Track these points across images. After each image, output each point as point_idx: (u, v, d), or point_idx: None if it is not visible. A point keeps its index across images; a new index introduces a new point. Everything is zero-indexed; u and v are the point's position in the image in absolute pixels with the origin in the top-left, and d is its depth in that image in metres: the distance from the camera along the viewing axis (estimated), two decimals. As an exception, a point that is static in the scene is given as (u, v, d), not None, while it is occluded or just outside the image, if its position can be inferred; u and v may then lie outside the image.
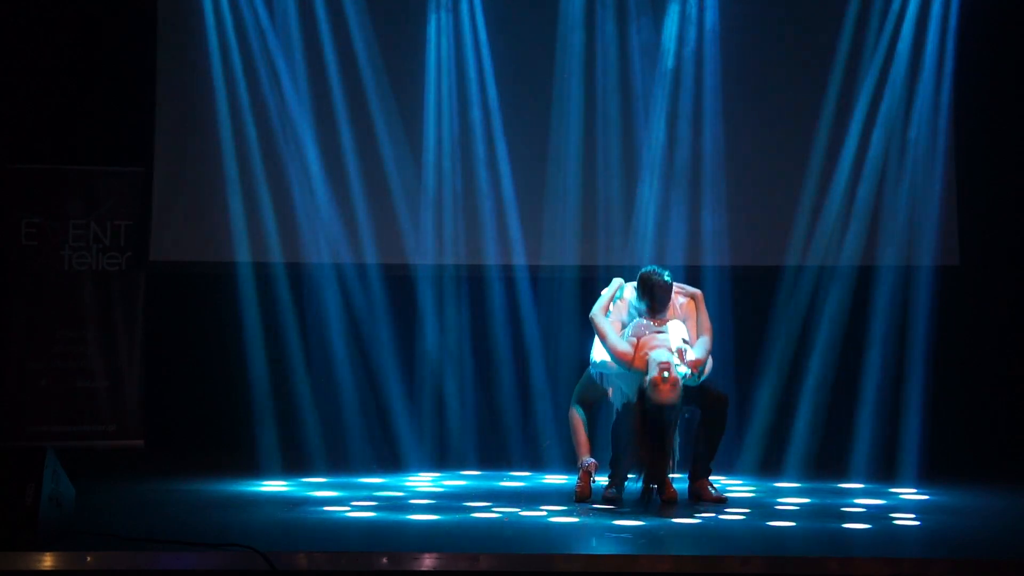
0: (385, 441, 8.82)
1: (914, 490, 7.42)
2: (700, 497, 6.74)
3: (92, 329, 9.11)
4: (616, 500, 6.64)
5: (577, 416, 6.95)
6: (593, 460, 6.82)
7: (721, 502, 6.67)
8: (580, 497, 6.69)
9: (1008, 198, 9.34)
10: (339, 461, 8.57)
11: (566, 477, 7.92)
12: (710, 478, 6.85)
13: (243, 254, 8.91)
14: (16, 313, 9.06)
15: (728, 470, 8.23)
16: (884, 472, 8.21)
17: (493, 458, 8.78)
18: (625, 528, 5.70)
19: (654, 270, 6.78)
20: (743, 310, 8.93)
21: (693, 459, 6.86)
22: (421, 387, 8.97)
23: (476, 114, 9.09)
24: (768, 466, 8.48)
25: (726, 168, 9.03)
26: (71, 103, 9.24)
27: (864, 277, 8.93)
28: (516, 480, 8.00)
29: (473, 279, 9.11)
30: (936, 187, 9.00)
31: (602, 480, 6.82)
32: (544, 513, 6.21)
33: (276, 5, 9.06)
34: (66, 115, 9.25)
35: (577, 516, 6.11)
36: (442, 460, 8.78)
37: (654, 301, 6.68)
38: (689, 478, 6.86)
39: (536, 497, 6.93)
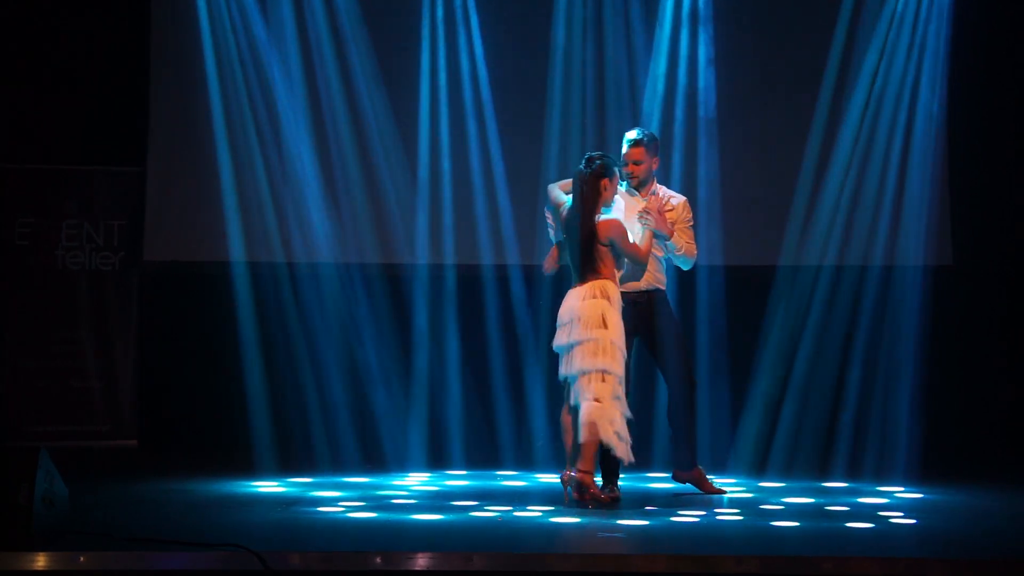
0: (379, 441, 8.81)
1: (909, 489, 7.41)
2: (701, 488, 6.86)
3: (86, 329, 9.10)
4: (614, 500, 6.61)
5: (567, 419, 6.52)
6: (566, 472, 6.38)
7: (721, 493, 6.86)
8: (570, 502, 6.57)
9: (1001, 199, 9.37)
10: (333, 461, 8.56)
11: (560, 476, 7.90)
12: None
13: (237, 253, 8.91)
14: (10, 313, 9.05)
15: (720, 469, 8.24)
16: (878, 471, 8.21)
17: (486, 457, 8.77)
18: (620, 528, 5.70)
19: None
20: (736, 311, 8.93)
21: (673, 448, 6.94)
22: (414, 387, 8.96)
23: (470, 112, 9.09)
24: (759, 465, 8.49)
25: (721, 168, 9.03)
26: (65, 103, 9.23)
27: (859, 277, 8.93)
28: (509, 479, 7.99)
29: (467, 279, 9.10)
30: (930, 188, 9.01)
31: (597, 480, 6.79)
32: (538, 512, 6.20)
33: (270, 5, 9.05)
34: (60, 115, 9.24)
35: (572, 516, 6.10)
36: (435, 460, 8.77)
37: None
38: (677, 469, 6.92)
39: (530, 496, 6.92)
